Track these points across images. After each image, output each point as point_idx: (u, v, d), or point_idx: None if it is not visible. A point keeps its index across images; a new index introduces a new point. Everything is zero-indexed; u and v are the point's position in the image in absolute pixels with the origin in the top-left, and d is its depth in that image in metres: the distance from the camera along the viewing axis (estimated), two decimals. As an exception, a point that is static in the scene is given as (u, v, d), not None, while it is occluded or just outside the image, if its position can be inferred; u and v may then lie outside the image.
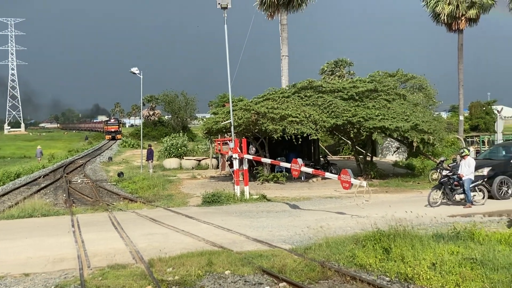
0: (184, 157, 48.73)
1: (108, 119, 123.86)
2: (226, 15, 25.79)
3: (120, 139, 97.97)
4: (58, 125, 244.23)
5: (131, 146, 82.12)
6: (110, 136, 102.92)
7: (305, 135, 28.93)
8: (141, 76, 45.64)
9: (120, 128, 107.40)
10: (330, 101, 29.70)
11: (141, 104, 64.32)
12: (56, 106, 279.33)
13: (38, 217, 20.90)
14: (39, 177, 39.67)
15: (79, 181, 37.14)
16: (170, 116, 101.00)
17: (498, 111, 42.95)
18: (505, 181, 21.74)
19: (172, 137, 52.51)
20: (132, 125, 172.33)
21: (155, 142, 70.71)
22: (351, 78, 50.65)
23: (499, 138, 39.33)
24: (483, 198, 20.36)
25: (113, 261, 12.48)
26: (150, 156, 43.36)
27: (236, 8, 27.74)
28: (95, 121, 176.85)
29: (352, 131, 30.98)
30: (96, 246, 14.51)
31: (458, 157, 23.30)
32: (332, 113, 29.36)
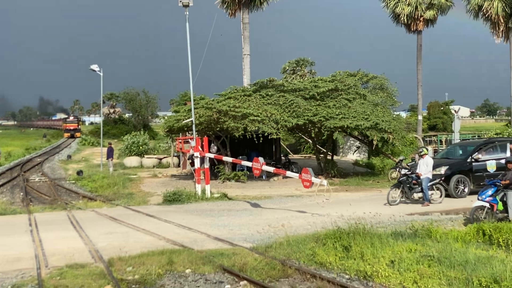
0: (145, 156, 48.33)
1: (66, 116, 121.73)
2: (187, 13, 25.69)
3: (79, 137, 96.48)
4: (15, 122, 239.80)
5: (90, 144, 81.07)
6: (69, 134, 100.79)
7: (266, 134, 29.02)
8: (101, 74, 45.07)
9: (79, 126, 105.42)
10: (291, 100, 29.84)
11: (101, 102, 63.57)
12: (7, 104, 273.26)
13: (-5, 216, 20.53)
14: (-4, 176, 38.89)
15: (36, 180, 36.52)
16: (131, 114, 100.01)
17: (455, 111, 43.79)
18: (462, 180, 22.16)
19: (133, 135, 52.00)
20: (92, 123, 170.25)
21: (116, 140, 70.00)
22: (313, 77, 50.94)
23: (456, 138, 39.99)
24: (441, 196, 20.71)
25: (71, 261, 12.33)
26: (110, 154, 42.86)
27: (198, 6, 27.66)
28: (53, 118, 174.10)
29: (313, 131, 31.17)
30: (54, 245, 14.31)
31: (417, 156, 23.69)
32: (294, 113, 29.50)
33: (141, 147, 49.75)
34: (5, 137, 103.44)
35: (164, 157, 47.18)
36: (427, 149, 21.75)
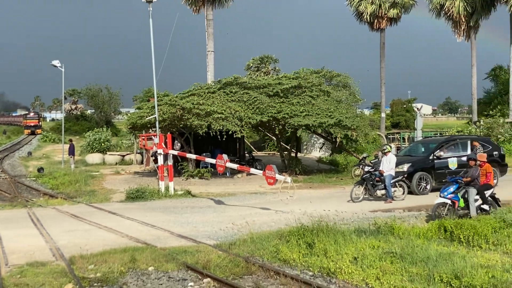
0: (108, 152, 47.87)
1: (27, 112, 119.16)
2: (151, 9, 25.47)
3: (40, 133, 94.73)
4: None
5: (52, 141, 79.91)
6: (30, 131, 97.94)
7: (230, 131, 28.97)
8: (63, 69, 44.45)
9: (40, 123, 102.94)
10: (255, 97, 29.83)
11: (63, 98, 62.62)
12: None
13: (-48, 213, 20.07)
14: (-46, 172, 38.07)
15: (-4, 177, 35.88)
16: (93, 111, 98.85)
17: (418, 109, 44.21)
18: (424, 177, 22.43)
19: (95, 132, 51.45)
20: (53, 120, 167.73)
21: (78, 137, 69.15)
22: (277, 74, 51.02)
23: (418, 135, 40.53)
24: (403, 193, 20.93)
25: (32, 259, 12.13)
26: (71, 151, 42.35)
27: (162, 2, 27.42)
28: (14, 114, 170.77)
29: (277, 128, 31.22)
30: (14, 243, 14.07)
31: (380, 153, 23.86)
32: (257, 110, 29.51)
33: (103, 144, 49.24)
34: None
35: (127, 154, 46.81)
36: (390, 147, 21.95)
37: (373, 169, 20.96)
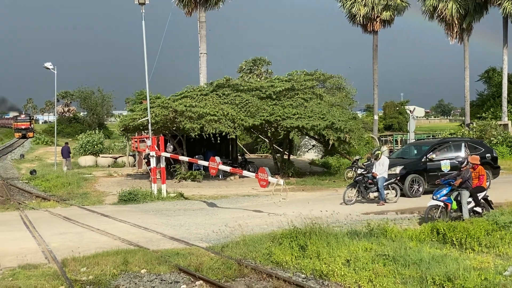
0: (100, 155, 47.72)
1: (17, 114, 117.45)
2: (144, 11, 25.49)
3: (32, 137, 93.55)
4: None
5: (44, 143, 79.67)
6: (21, 134, 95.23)
7: (223, 133, 28.95)
8: (55, 71, 44.31)
9: (32, 125, 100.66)
10: (247, 100, 29.81)
11: (55, 100, 62.47)
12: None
13: None
14: None
15: (-12, 179, 35.73)
16: (85, 113, 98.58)
17: (410, 111, 44.23)
18: (416, 179, 22.44)
19: (88, 134, 51.32)
20: (45, 122, 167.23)
21: (70, 139, 68.74)
22: (269, 77, 51.04)
23: (411, 138, 40.55)
24: (396, 196, 20.96)
25: (24, 261, 12.11)
26: (66, 153, 42.30)
27: (154, 4, 27.44)
28: (6, 117, 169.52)
29: (269, 130, 31.20)
30: (6, 246, 14.05)
31: (373, 156, 23.84)
32: (250, 112, 29.50)
33: (96, 146, 49.12)
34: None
35: (120, 156, 46.67)
36: (381, 152, 21.97)
37: (365, 172, 21.00)
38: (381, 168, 20.54)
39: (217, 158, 20.91)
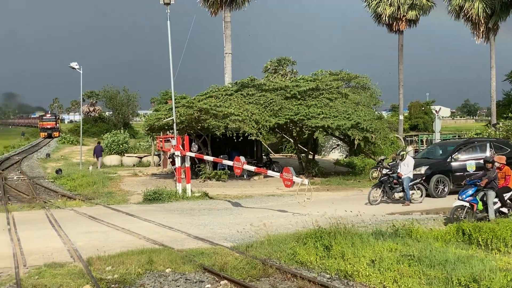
0: (125, 154, 48.08)
1: (43, 114, 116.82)
2: (169, 11, 25.57)
3: (57, 136, 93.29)
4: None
5: (70, 142, 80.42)
6: (46, 134, 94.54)
7: (247, 134, 28.97)
8: (81, 71, 44.77)
9: (58, 125, 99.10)
10: (272, 99, 29.80)
11: (81, 100, 63.17)
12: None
13: (-28, 214, 20.26)
14: (-27, 174, 38.43)
15: (15, 178, 36.19)
16: (111, 113, 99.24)
17: (436, 111, 43.91)
18: (442, 179, 22.26)
19: (113, 134, 51.71)
20: (71, 121, 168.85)
21: (95, 138, 69.46)
22: (294, 76, 50.91)
23: (436, 138, 40.19)
24: (421, 196, 20.80)
25: (50, 260, 12.21)
26: (99, 152, 42.89)
27: (180, 4, 27.54)
28: (32, 116, 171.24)
29: (294, 130, 31.16)
30: (32, 244, 14.18)
31: (398, 157, 23.65)
32: (273, 111, 29.48)
33: (121, 146, 49.50)
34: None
35: (145, 156, 46.98)
36: (406, 152, 21.82)
37: (391, 172, 20.86)
38: (406, 169, 20.41)
39: (242, 158, 20.97)
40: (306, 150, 35.69)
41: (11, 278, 10.92)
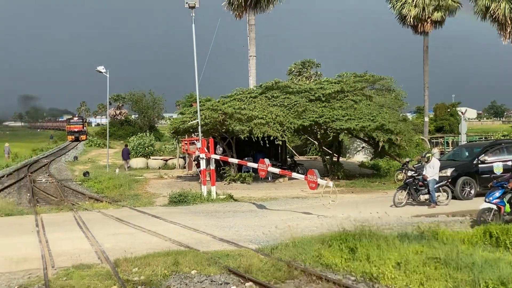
0: (151, 157, 48.43)
1: (70, 117, 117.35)
2: (194, 14, 25.71)
3: (84, 140, 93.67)
4: (22, 123, 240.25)
5: (97, 145, 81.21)
6: (73, 137, 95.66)
7: (271, 138, 28.98)
8: (108, 75, 45.20)
9: (85, 128, 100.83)
10: (296, 101, 29.79)
11: (108, 103, 63.75)
12: (21, 104, 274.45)
13: (2, 216, 20.57)
14: (3, 176, 38.99)
15: (43, 180, 36.65)
16: (137, 116, 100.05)
17: (462, 113, 43.59)
18: (468, 181, 22.07)
19: (139, 137, 52.12)
20: (98, 124, 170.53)
21: (122, 141, 70.11)
22: (318, 79, 50.83)
23: (462, 140, 39.87)
24: (447, 198, 20.64)
25: (78, 261, 12.35)
26: (126, 155, 43.34)
27: (204, 7, 27.68)
28: (60, 119, 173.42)
29: (319, 132, 31.10)
30: (60, 246, 14.35)
31: (425, 158, 23.50)
32: (299, 114, 29.46)
33: (147, 149, 49.86)
34: (12, 138, 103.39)
35: (170, 159, 47.27)
36: (432, 154, 21.67)
37: (416, 174, 20.74)
38: (432, 171, 20.27)
39: (266, 160, 20.96)
40: (331, 152, 35.60)
41: (39, 279, 11.07)
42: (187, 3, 25.14)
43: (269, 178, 31.51)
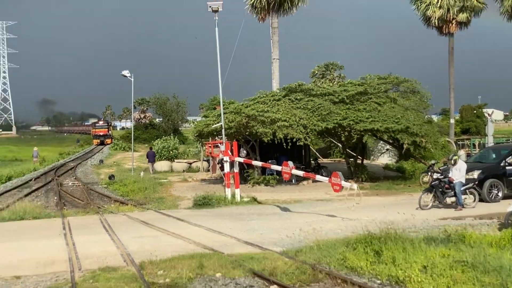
0: (175, 160, 48.66)
1: (96, 121, 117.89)
2: (217, 18, 25.79)
3: (110, 143, 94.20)
4: (49, 128, 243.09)
5: (122, 149, 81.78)
6: (99, 141, 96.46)
7: (295, 139, 28.93)
8: (132, 79, 45.49)
9: (110, 131, 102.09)
10: (320, 104, 29.72)
11: (132, 107, 64.18)
12: (48, 109, 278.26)
13: (29, 219, 20.77)
14: (31, 180, 39.43)
15: (70, 184, 36.97)
16: (161, 119, 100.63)
17: (488, 114, 43.20)
18: (495, 184, 21.79)
19: (163, 140, 52.41)
20: (123, 128, 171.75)
21: (146, 145, 70.52)
22: (342, 81, 50.66)
23: (489, 141, 39.50)
24: (474, 201, 20.41)
25: (104, 264, 12.42)
26: (152, 158, 43.62)
27: (228, 11, 27.73)
28: (86, 123, 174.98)
29: (343, 134, 30.99)
30: (87, 248, 14.44)
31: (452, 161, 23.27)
32: (322, 117, 29.38)
33: (171, 152, 50.11)
34: (40, 142, 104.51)
35: (194, 162, 47.43)
36: (458, 156, 21.48)
37: (442, 176, 20.53)
38: (458, 173, 20.07)
39: (290, 163, 20.92)
40: (355, 154, 35.45)
41: (67, 281, 11.16)
42: (210, 7, 25.25)
43: (293, 180, 31.45)
